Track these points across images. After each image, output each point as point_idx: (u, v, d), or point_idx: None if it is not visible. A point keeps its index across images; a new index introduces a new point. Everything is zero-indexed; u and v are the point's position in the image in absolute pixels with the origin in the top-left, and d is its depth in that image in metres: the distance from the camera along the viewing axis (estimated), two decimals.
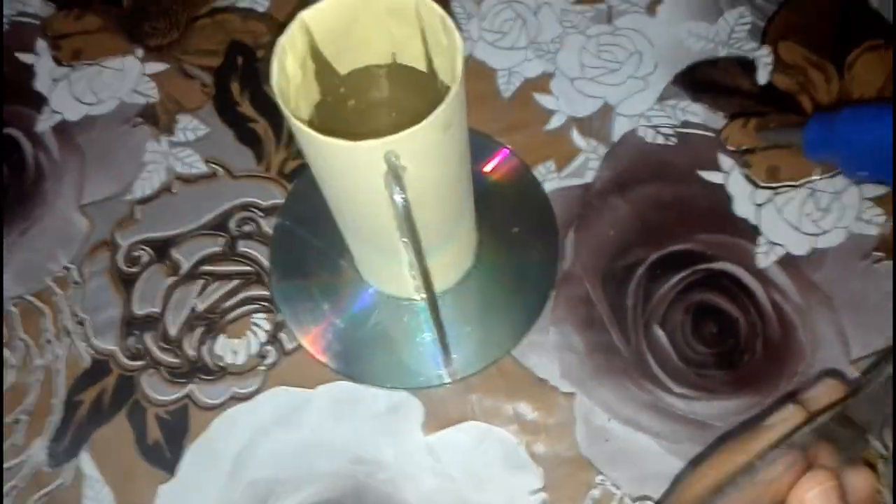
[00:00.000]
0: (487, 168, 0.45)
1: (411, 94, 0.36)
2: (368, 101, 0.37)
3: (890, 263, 0.42)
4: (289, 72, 0.31)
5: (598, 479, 0.39)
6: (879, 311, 0.41)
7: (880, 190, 0.44)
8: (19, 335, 0.44)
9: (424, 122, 0.28)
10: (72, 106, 0.50)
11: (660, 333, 0.41)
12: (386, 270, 0.41)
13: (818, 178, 0.44)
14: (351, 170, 0.30)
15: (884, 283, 0.41)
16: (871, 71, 0.47)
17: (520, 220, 0.44)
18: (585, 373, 0.41)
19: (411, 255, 0.34)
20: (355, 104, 0.37)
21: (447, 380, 0.41)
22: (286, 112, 0.29)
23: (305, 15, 0.31)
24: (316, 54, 0.33)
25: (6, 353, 0.43)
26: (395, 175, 0.29)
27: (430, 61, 0.34)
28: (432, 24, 0.31)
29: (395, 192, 0.29)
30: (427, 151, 0.30)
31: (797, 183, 0.44)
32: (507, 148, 0.46)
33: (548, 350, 0.41)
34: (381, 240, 0.36)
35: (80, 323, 0.44)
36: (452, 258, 0.41)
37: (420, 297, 0.42)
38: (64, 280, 0.45)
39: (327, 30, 0.32)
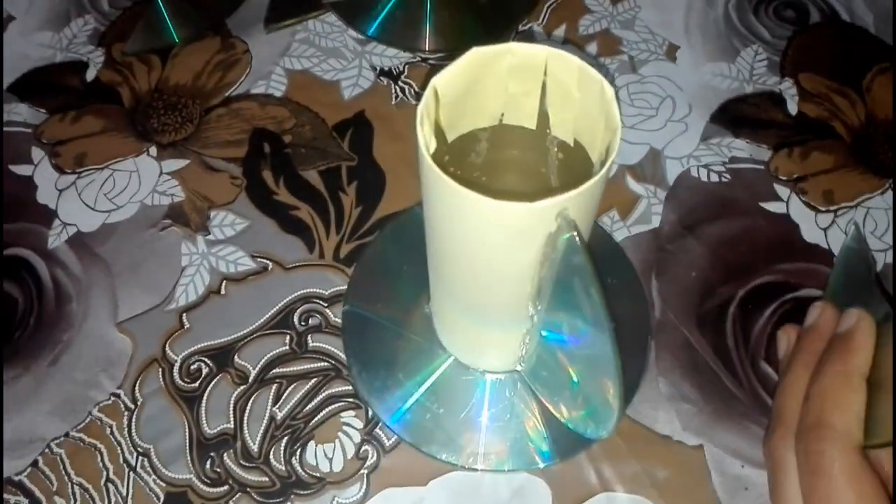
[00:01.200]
0: None
1: (508, 155, 0.35)
2: (464, 167, 0.35)
3: None
4: (427, 139, 0.29)
5: None
6: None
7: None
8: (73, 480, 0.38)
9: (602, 172, 0.26)
10: (85, 215, 0.45)
11: (769, 370, 0.40)
12: (490, 344, 0.38)
13: (869, 195, 0.46)
14: (510, 233, 0.28)
15: None
16: (888, 91, 0.49)
17: (600, 273, 0.43)
18: (706, 421, 0.39)
19: (544, 316, 0.32)
20: (453, 171, 0.35)
21: (567, 454, 0.38)
22: (442, 176, 0.26)
23: (436, 80, 0.29)
24: (436, 123, 0.31)
25: (60, 503, 0.37)
26: (572, 230, 0.27)
27: (543, 117, 0.32)
28: (563, 77, 0.30)
29: (562, 246, 0.27)
30: (590, 202, 0.28)
31: (853, 203, 0.45)
32: None
33: (662, 403, 0.40)
34: (502, 311, 0.34)
35: (144, 454, 0.38)
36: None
37: (521, 367, 0.39)
38: (114, 408, 0.40)
39: (450, 95, 0.30)
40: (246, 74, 0.50)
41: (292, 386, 0.40)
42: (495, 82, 0.31)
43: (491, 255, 0.30)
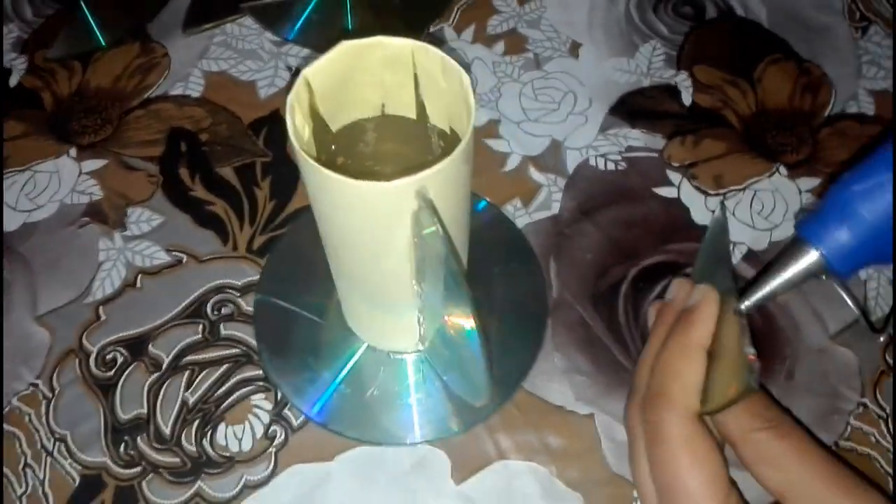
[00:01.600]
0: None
1: (394, 146, 0.37)
2: (354, 156, 0.37)
3: None
4: (298, 128, 0.31)
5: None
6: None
7: (814, 181, 0.48)
8: None
9: (455, 154, 0.28)
10: (7, 215, 0.47)
11: None
12: (390, 326, 0.40)
13: (757, 178, 0.48)
14: (376, 212, 0.30)
15: None
16: (778, 81, 0.52)
17: (503, 258, 0.45)
18: (598, 392, 0.42)
19: (429, 295, 0.34)
20: (343, 160, 0.37)
21: (466, 426, 0.40)
22: (308, 160, 0.28)
23: (308, 72, 0.31)
24: (314, 112, 0.33)
25: None
26: (430, 210, 0.29)
27: (420, 107, 0.35)
28: (429, 68, 0.32)
29: (427, 226, 0.29)
30: (451, 184, 0.30)
31: (741, 186, 0.48)
32: (478, 193, 0.47)
33: (557, 376, 0.42)
34: (390, 291, 0.36)
35: (61, 440, 0.40)
36: None
37: (423, 347, 0.41)
38: (33, 397, 0.41)
39: (325, 87, 0.32)
40: (164, 77, 0.52)
41: (204, 372, 0.42)
42: (370, 74, 0.33)
43: (363, 236, 0.32)
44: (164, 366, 0.42)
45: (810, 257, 0.32)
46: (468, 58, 0.53)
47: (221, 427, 0.40)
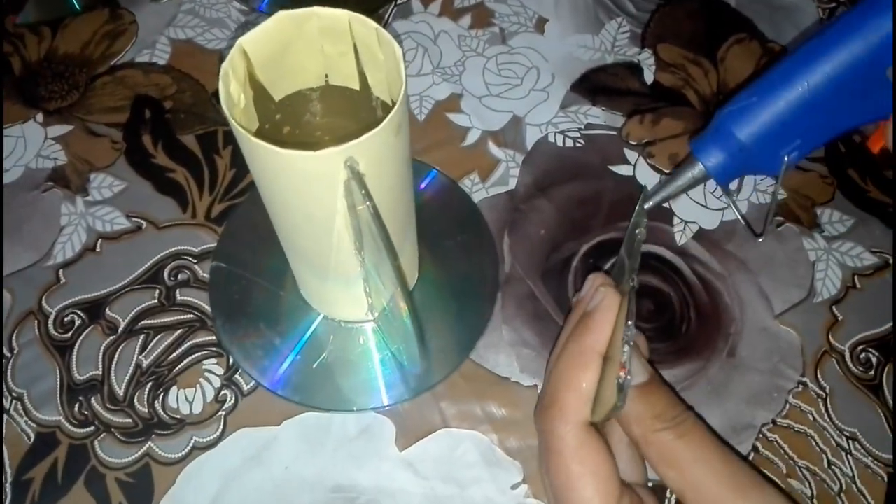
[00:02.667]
0: (421, 187, 0.47)
1: (342, 117, 0.38)
2: (302, 126, 0.38)
3: (791, 226, 0.47)
4: (233, 96, 0.31)
5: None
6: (790, 268, 0.45)
7: None
8: None
9: (382, 125, 0.29)
10: None
11: None
12: (338, 296, 0.41)
13: None
14: (308, 182, 0.31)
15: (789, 243, 0.46)
16: (741, 60, 0.53)
17: (456, 231, 0.46)
18: (543, 364, 0.42)
19: (371, 265, 0.35)
20: (290, 130, 0.37)
21: (413, 394, 0.41)
22: (238, 129, 0.29)
23: (244, 40, 0.32)
24: (253, 80, 0.33)
25: None
26: (358, 181, 0.29)
27: (363, 78, 0.35)
28: (366, 39, 0.32)
29: (359, 197, 0.30)
30: (382, 155, 0.31)
31: None
32: (434, 167, 0.48)
33: (504, 348, 0.43)
34: (334, 261, 0.37)
35: (17, 398, 0.41)
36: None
37: (373, 316, 0.42)
38: None
39: (263, 55, 0.33)
40: (132, 44, 0.52)
41: (159, 336, 0.43)
42: (309, 44, 0.33)
43: (298, 205, 0.32)
44: (120, 329, 0.43)
45: (696, 168, 0.37)
46: (434, 31, 0.53)
47: (173, 390, 0.41)
